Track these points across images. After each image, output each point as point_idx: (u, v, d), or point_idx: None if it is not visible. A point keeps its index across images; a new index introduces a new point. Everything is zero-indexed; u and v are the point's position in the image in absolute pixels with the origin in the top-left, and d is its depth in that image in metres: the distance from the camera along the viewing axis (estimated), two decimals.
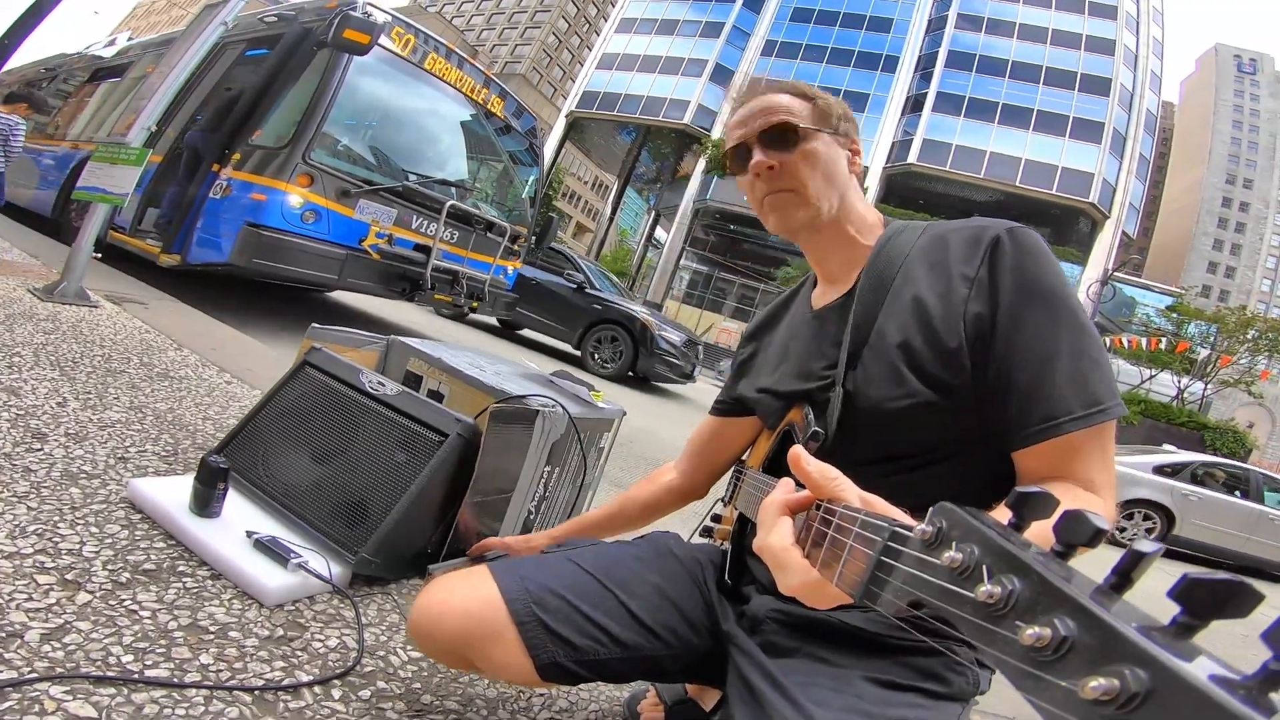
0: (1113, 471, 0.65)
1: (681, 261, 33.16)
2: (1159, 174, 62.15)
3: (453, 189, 4.61)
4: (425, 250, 4.25)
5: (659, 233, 39.62)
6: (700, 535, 0.99)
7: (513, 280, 5.29)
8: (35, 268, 3.37)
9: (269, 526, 1.18)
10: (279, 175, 3.56)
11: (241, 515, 1.20)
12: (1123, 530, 6.72)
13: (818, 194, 0.76)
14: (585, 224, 60.44)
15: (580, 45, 69.00)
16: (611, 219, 39.13)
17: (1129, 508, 6.78)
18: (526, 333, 8.22)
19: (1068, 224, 30.29)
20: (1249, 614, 0.24)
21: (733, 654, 0.76)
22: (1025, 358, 0.64)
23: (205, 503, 1.16)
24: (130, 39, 8.02)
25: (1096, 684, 0.23)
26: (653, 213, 40.08)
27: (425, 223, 4.29)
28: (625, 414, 1.56)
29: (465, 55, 4.78)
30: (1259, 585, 0.25)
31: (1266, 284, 59.77)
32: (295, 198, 3.55)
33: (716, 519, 0.98)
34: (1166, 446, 8.47)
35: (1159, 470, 6.92)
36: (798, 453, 0.52)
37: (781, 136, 0.76)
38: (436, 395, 1.35)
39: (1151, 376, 22.59)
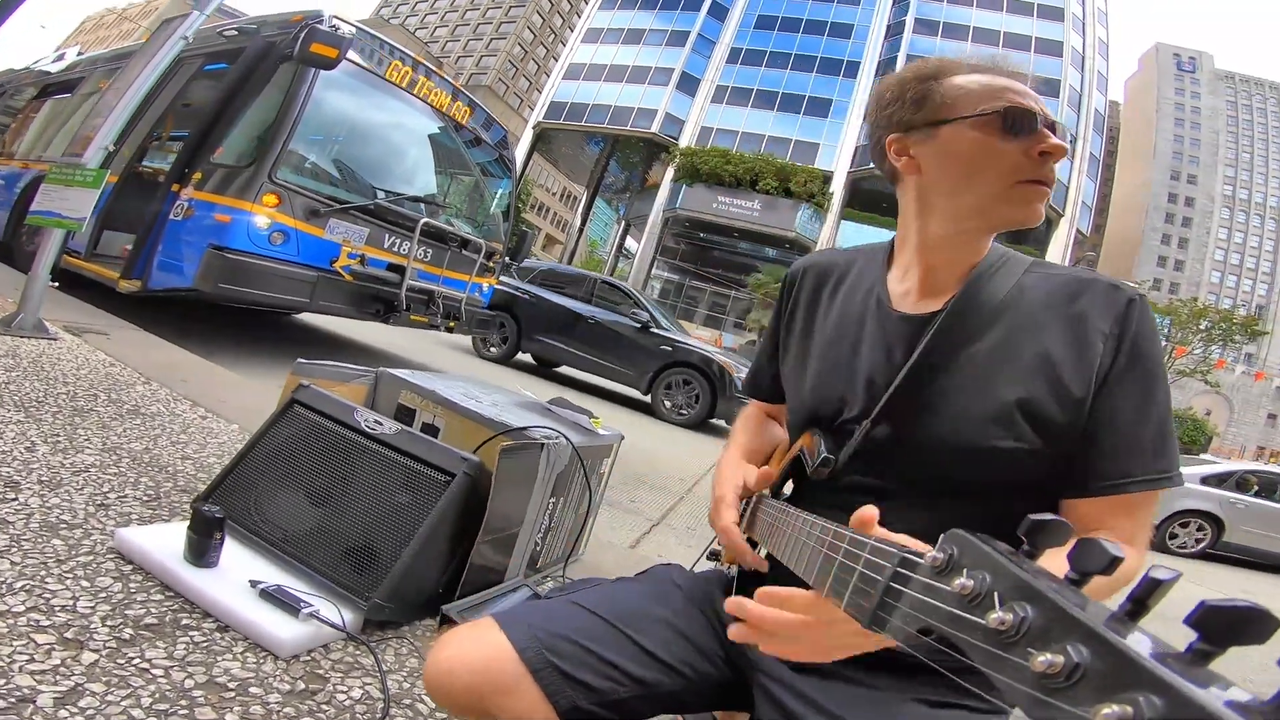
0: (1150, 533, 0.68)
1: (653, 271, 33.15)
2: (1108, 172, 64.68)
3: (425, 205, 4.50)
4: (399, 270, 4.12)
5: (629, 242, 39.61)
6: (707, 559, 0.96)
7: (488, 297, 5.18)
8: None
9: (271, 574, 1.13)
10: (243, 195, 3.41)
11: (240, 563, 1.14)
12: (1174, 538, 7.01)
13: None
14: (555, 235, 59.99)
15: (546, 56, 68.96)
16: (581, 230, 38.95)
17: (1181, 518, 7.07)
18: (579, 376, 7.65)
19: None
20: (1267, 640, 0.24)
21: (759, 680, 0.75)
22: (1122, 417, 0.65)
23: (201, 552, 1.10)
24: (80, 54, 7.72)
25: (1109, 711, 0.22)
26: (623, 222, 40.08)
27: (399, 241, 4.16)
28: (624, 438, 1.53)
29: (432, 66, 4.68)
30: None
31: (1215, 276, 62.32)
32: (262, 218, 3.39)
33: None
34: (1206, 456, 8.81)
35: (1206, 480, 7.20)
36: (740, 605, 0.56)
37: (1063, 145, 0.71)
38: (431, 429, 1.29)
39: None
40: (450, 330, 4.65)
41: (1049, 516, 0.34)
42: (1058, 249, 29.33)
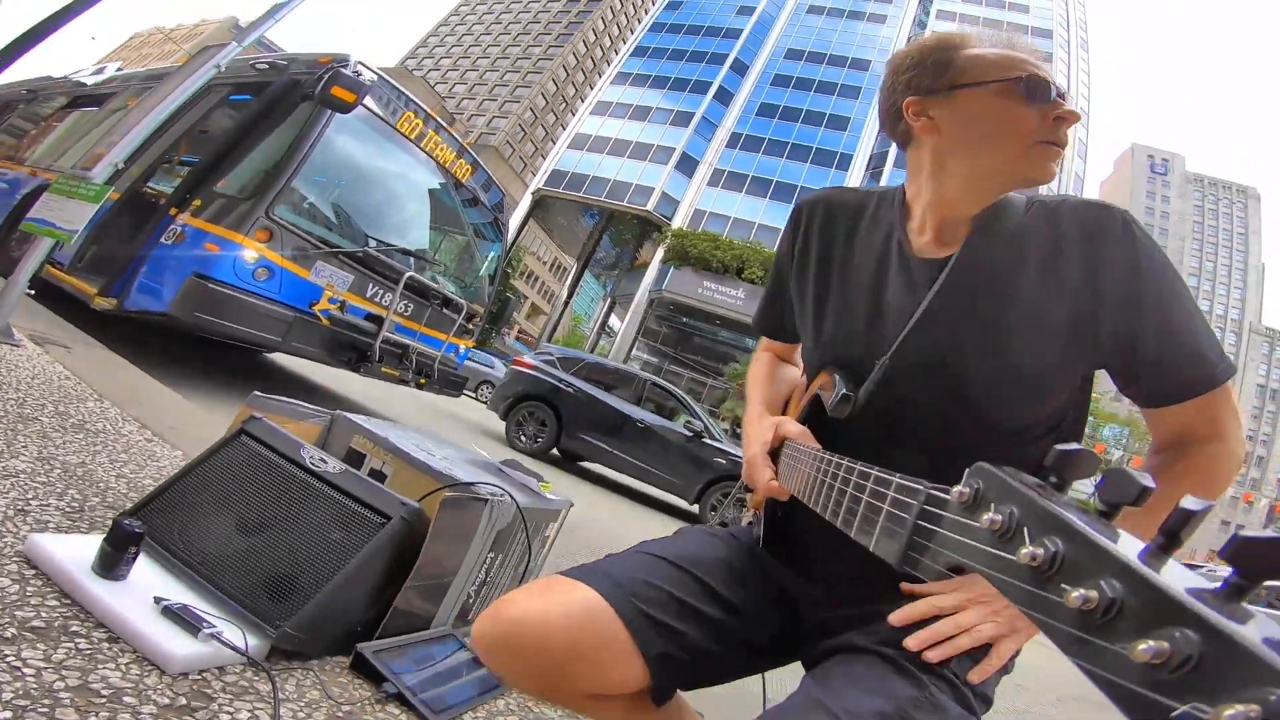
0: (1238, 418, 0.72)
1: (633, 351, 32.97)
2: None
3: (414, 259, 4.56)
4: (377, 321, 4.11)
5: (613, 320, 39.62)
6: (734, 505, 0.98)
7: (463, 359, 5.17)
8: None
9: (181, 594, 1.10)
10: (237, 227, 3.43)
11: (150, 581, 1.11)
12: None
13: None
14: (540, 306, 60.11)
15: (555, 124, 71.53)
16: (567, 303, 39.11)
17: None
18: (618, 478, 7.42)
19: None
20: None
21: (808, 617, 0.80)
22: (1169, 327, 0.70)
23: (111, 565, 1.08)
24: (119, 69, 7.93)
25: (1147, 646, 0.22)
26: (609, 299, 40.25)
27: (381, 292, 4.16)
28: (572, 505, 1.52)
29: (443, 122, 4.83)
30: None
31: None
32: (250, 252, 3.41)
33: (749, 489, 0.94)
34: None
35: None
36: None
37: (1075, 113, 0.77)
38: (378, 475, 1.28)
39: None
40: (420, 387, 4.63)
41: (1074, 447, 0.33)
42: None
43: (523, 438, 6.88)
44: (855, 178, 35.19)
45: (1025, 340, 0.70)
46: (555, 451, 7.08)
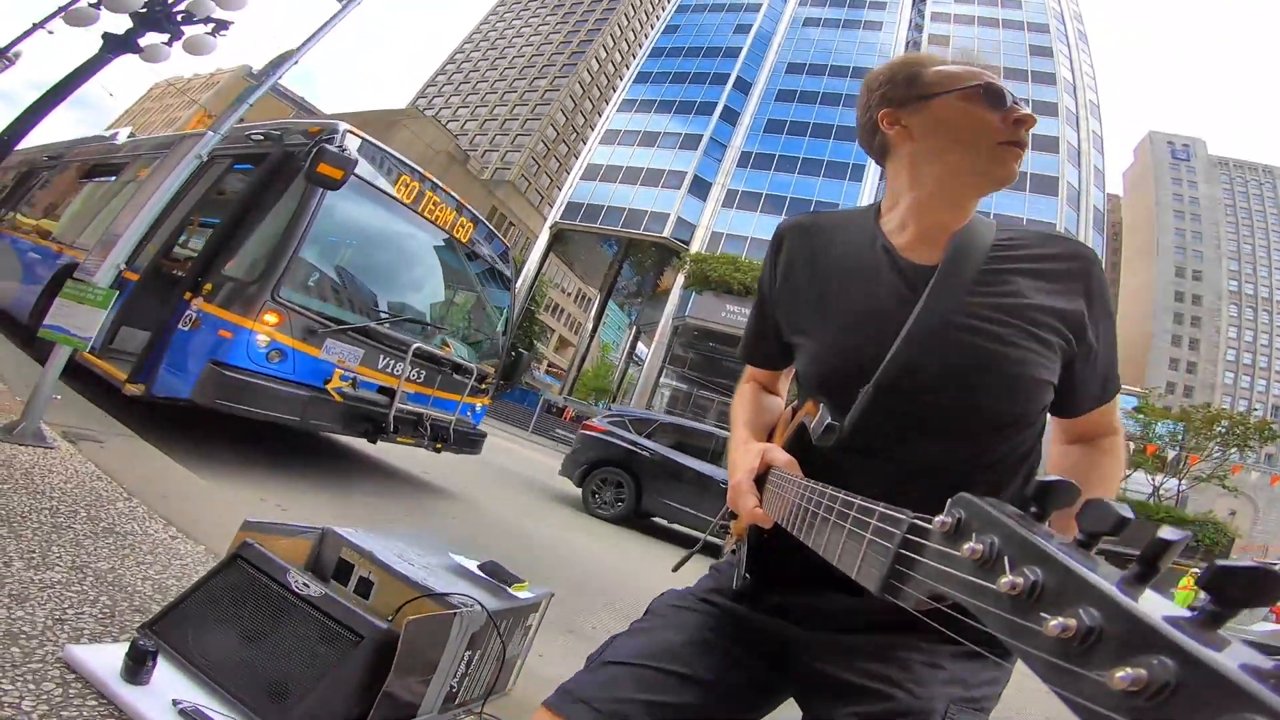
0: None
1: (661, 379, 33.02)
2: (1114, 271, 65.02)
3: (420, 327, 4.61)
4: (390, 393, 4.17)
5: (640, 348, 39.68)
6: (717, 532, 1.01)
7: (479, 418, 5.21)
8: (1, 397, 3.41)
9: (195, 696, 1.27)
10: (247, 312, 3.54)
11: (170, 683, 1.28)
12: None
13: None
14: (568, 338, 60.15)
15: (568, 154, 72.33)
16: (593, 333, 39.29)
17: None
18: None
19: None
20: (1276, 601, 0.24)
21: (802, 657, 0.82)
22: (1101, 350, 0.82)
23: (134, 673, 1.26)
24: (131, 135, 8.13)
25: (1124, 674, 0.22)
26: (634, 328, 40.36)
27: (392, 362, 4.23)
28: (553, 595, 1.62)
29: (437, 180, 4.87)
30: None
31: (1228, 376, 60.71)
32: (262, 336, 3.53)
33: (733, 515, 0.95)
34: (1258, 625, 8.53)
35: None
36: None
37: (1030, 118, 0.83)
38: (366, 583, 1.41)
39: (1127, 476, 23.30)
40: (438, 451, 4.67)
41: (1056, 479, 0.33)
42: None
43: (601, 505, 6.80)
44: (870, 187, 34.77)
45: (1015, 346, 0.76)
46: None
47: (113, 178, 6.26)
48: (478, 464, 7.07)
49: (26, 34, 8.61)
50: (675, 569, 1.03)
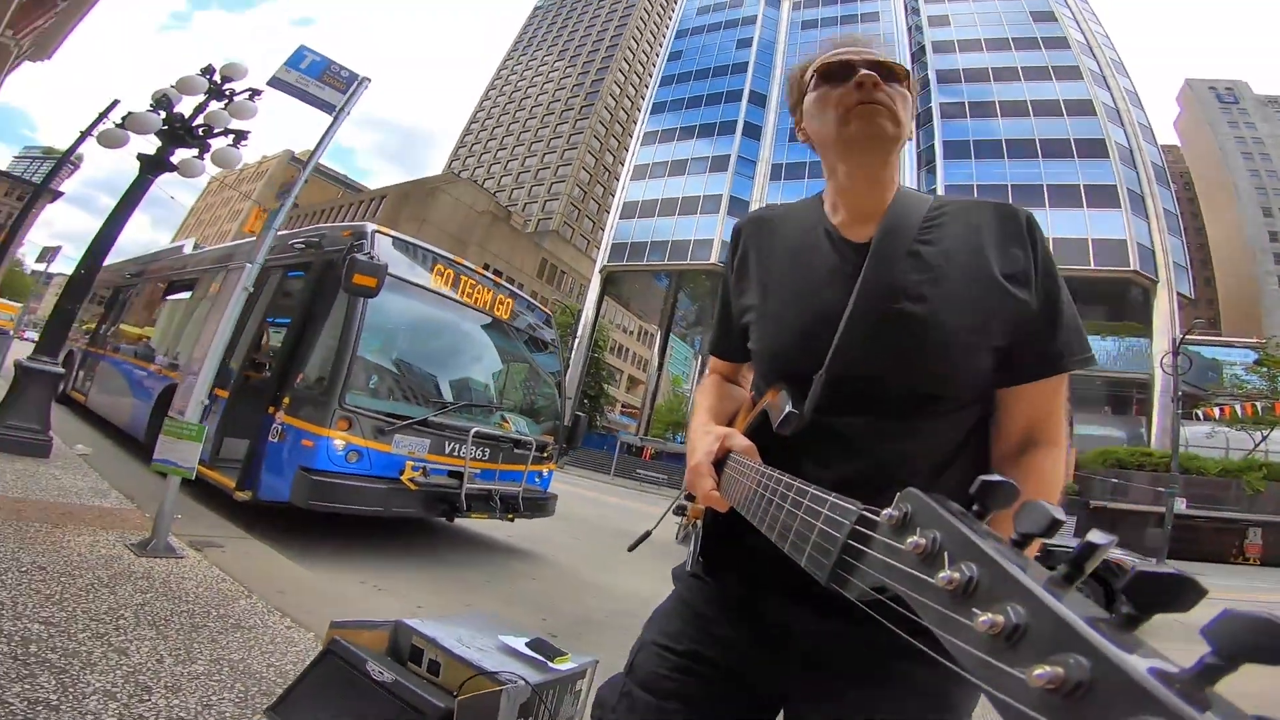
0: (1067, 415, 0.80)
1: None
2: (1195, 221, 60.43)
3: (478, 409, 4.96)
4: (458, 475, 4.52)
5: None
6: (674, 514, 1.07)
7: (547, 483, 5.51)
8: (131, 514, 3.98)
9: None
10: (322, 421, 3.98)
11: None
12: None
13: (903, 124, 0.85)
14: (636, 376, 59.81)
15: (604, 194, 73.12)
16: (660, 368, 39.41)
17: None
18: None
19: (1119, 297, 29.14)
20: (1190, 609, 0.24)
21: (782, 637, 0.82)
22: (1048, 312, 0.80)
23: None
24: (197, 246, 8.99)
25: (1042, 672, 0.23)
26: (700, 356, 40.40)
27: (456, 446, 4.57)
28: (598, 662, 1.91)
29: (470, 264, 5.22)
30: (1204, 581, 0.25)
31: None
32: (338, 442, 3.97)
33: (690, 498, 0.98)
34: None
35: None
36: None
37: (889, 72, 0.85)
38: (434, 665, 1.73)
39: (1265, 438, 21.39)
40: (510, 520, 5.00)
41: (998, 478, 0.34)
42: (1162, 320, 27.13)
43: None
44: (909, 177, 33.79)
45: (951, 309, 0.76)
46: None
47: (189, 293, 6.93)
48: (559, 519, 7.44)
49: (79, 142, 9.75)
50: (631, 549, 1.11)
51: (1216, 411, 22.79)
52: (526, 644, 1.83)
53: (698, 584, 0.90)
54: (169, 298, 7.58)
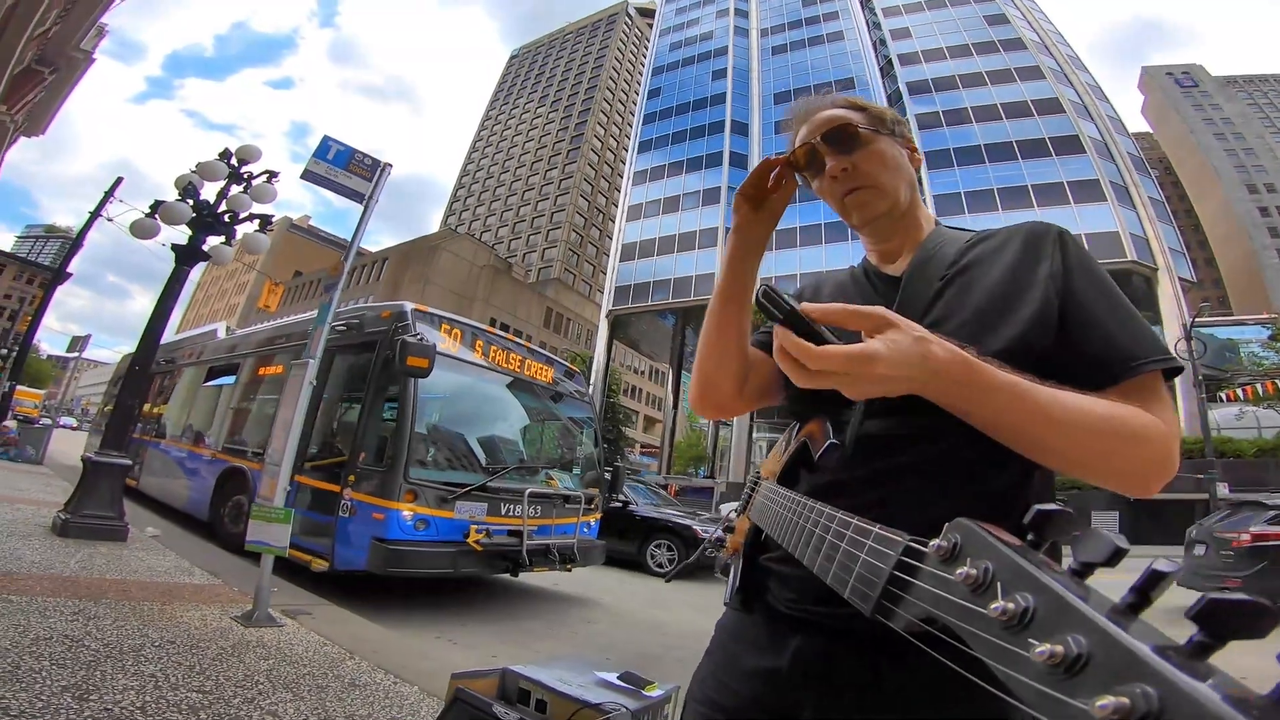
0: (1173, 413, 0.67)
1: (754, 435, 33.04)
2: (1184, 204, 60.98)
3: (528, 472, 5.34)
4: (518, 533, 4.89)
5: None
6: (713, 546, 1.04)
7: (595, 531, 5.91)
8: (221, 589, 4.32)
9: None
10: (390, 495, 4.36)
11: None
12: None
13: (893, 187, 0.86)
14: (653, 416, 59.80)
15: (600, 236, 73.78)
16: (675, 405, 39.59)
17: None
18: None
19: (1121, 288, 29.41)
20: (1267, 635, 0.24)
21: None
22: (1099, 316, 0.72)
23: None
24: (230, 330, 9.23)
25: (1105, 703, 0.23)
26: None
27: (512, 507, 4.96)
28: (679, 687, 2.28)
29: (501, 333, 5.62)
30: None
31: None
32: (407, 512, 4.36)
33: (730, 529, 0.98)
34: None
35: None
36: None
37: (847, 138, 0.85)
38: (542, 703, 2.10)
39: None
40: (568, 570, 5.40)
41: (1052, 507, 0.34)
42: (1169, 305, 27.20)
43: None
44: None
45: (984, 329, 0.72)
46: None
47: (233, 378, 7.30)
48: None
49: (89, 224, 9.87)
50: (668, 580, 1.28)
51: (1240, 392, 22.73)
52: (618, 677, 2.20)
53: (738, 617, 0.87)
54: (212, 382, 7.94)
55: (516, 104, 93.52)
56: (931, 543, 0.39)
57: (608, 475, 6.56)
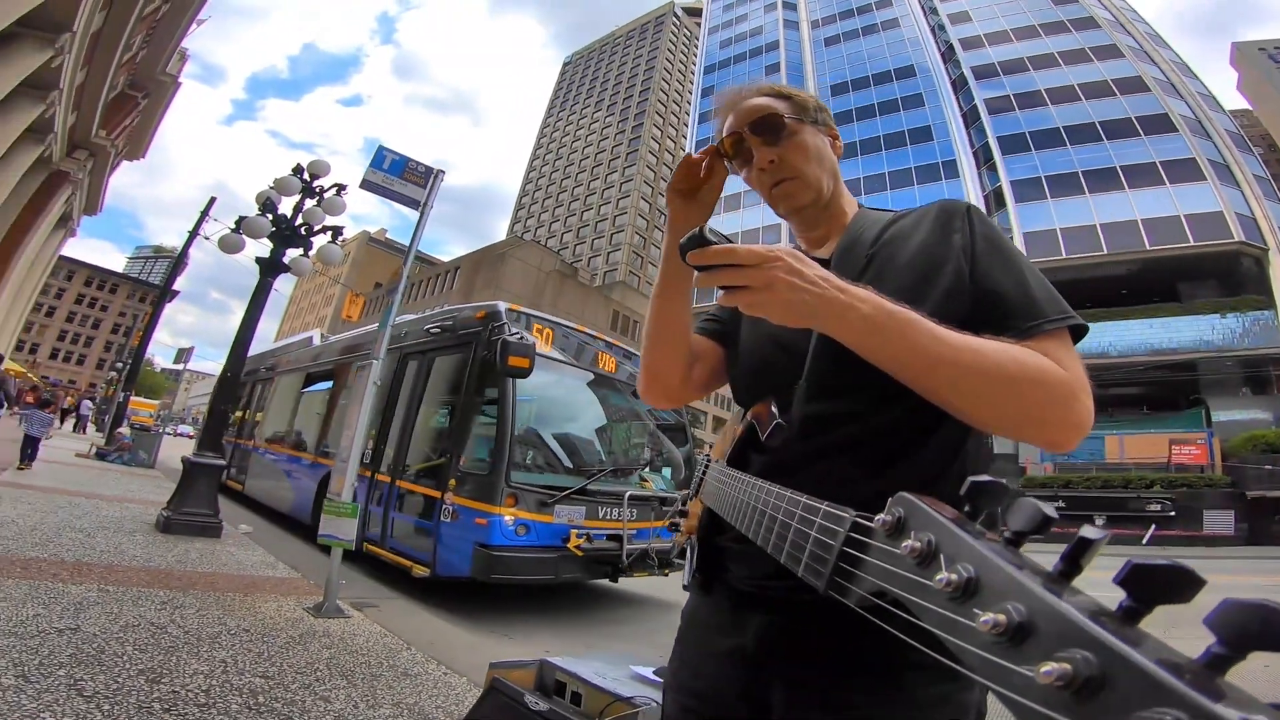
0: (1082, 371, 0.68)
1: None
2: None
3: (622, 474, 5.15)
4: (618, 537, 4.70)
5: None
6: (669, 529, 1.12)
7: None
8: (299, 582, 4.61)
9: None
10: (491, 500, 4.22)
11: None
12: None
13: (816, 178, 0.88)
14: (721, 416, 58.77)
15: (662, 237, 73.71)
16: None
17: None
18: None
19: (1229, 271, 27.19)
20: (1191, 599, 0.25)
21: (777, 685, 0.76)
22: (1007, 282, 0.73)
23: None
24: (324, 337, 9.50)
25: (1049, 669, 0.23)
26: None
27: (611, 510, 4.76)
28: None
29: (588, 330, 5.49)
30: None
31: None
32: (509, 517, 4.21)
33: (683, 513, 1.00)
34: None
35: None
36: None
37: (774, 129, 0.86)
38: (577, 695, 2.13)
39: None
40: (666, 575, 5.16)
41: (986, 479, 0.35)
42: None
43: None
44: (970, 178, 32.95)
45: (902, 297, 0.70)
46: None
47: (328, 384, 7.44)
48: None
49: (189, 243, 10.82)
50: (686, 587, 0.97)
51: None
52: (654, 672, 2.20)
53: (700, 601, 0.90)
54: (308, 389, 8.11)
55: (573, 111, 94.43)
56: (877, 517, 0.39)
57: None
